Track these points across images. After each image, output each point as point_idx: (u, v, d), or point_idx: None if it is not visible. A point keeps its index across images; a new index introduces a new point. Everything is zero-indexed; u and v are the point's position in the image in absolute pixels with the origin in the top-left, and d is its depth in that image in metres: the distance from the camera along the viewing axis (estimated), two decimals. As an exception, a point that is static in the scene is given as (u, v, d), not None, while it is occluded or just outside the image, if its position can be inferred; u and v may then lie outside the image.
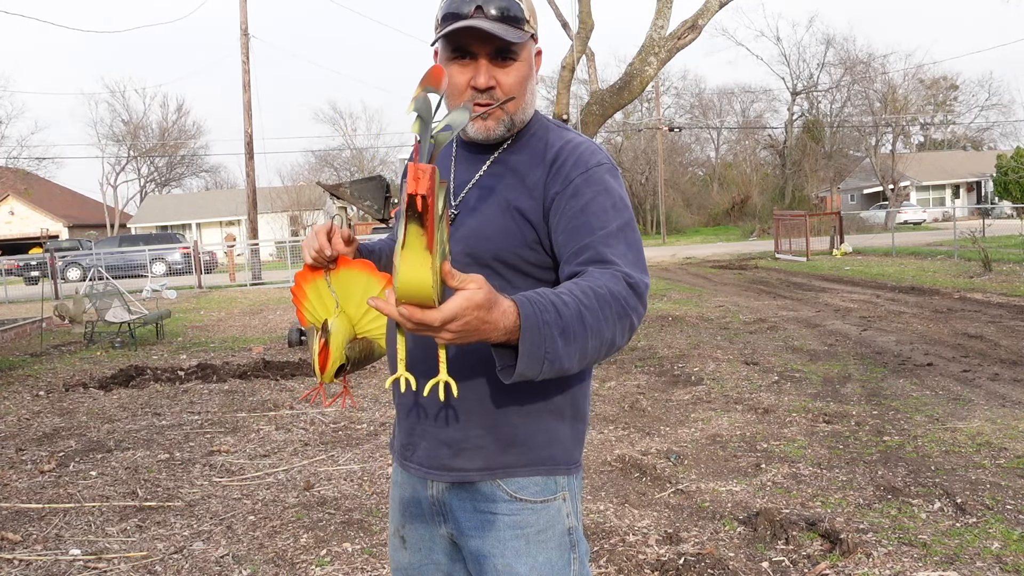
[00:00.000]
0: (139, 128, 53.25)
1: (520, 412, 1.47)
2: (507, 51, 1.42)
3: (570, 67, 9.87)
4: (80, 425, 6.35)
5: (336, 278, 1.65)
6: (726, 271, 19.60)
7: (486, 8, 1.40)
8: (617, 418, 5.87)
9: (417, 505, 1.58)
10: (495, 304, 1.15)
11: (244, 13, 23.43)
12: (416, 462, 1.54)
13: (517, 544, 1.47)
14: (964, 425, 5.25)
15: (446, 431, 1.48)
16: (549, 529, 1.50)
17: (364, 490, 4.53)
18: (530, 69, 1.47)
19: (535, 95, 1.51)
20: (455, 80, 1.44)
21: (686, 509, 4.04)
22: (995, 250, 17.01)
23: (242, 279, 23.50)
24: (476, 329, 1.14)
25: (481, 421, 1.47)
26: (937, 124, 54.25)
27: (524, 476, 1.48)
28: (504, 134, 1.48)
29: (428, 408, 1.50)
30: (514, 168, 1.49)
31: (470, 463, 1.47)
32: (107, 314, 11.02)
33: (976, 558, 3.34)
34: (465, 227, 1.47)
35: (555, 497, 1.50)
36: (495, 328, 1.15)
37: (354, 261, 1.65)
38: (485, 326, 1.14)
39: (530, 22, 1.45)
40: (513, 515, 1.48)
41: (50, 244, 30.74)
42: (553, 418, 1.50)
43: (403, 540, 1.62)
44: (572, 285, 1.27)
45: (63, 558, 3.71)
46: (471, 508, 1.50)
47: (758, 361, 7.75)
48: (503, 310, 1.16)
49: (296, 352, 9.75)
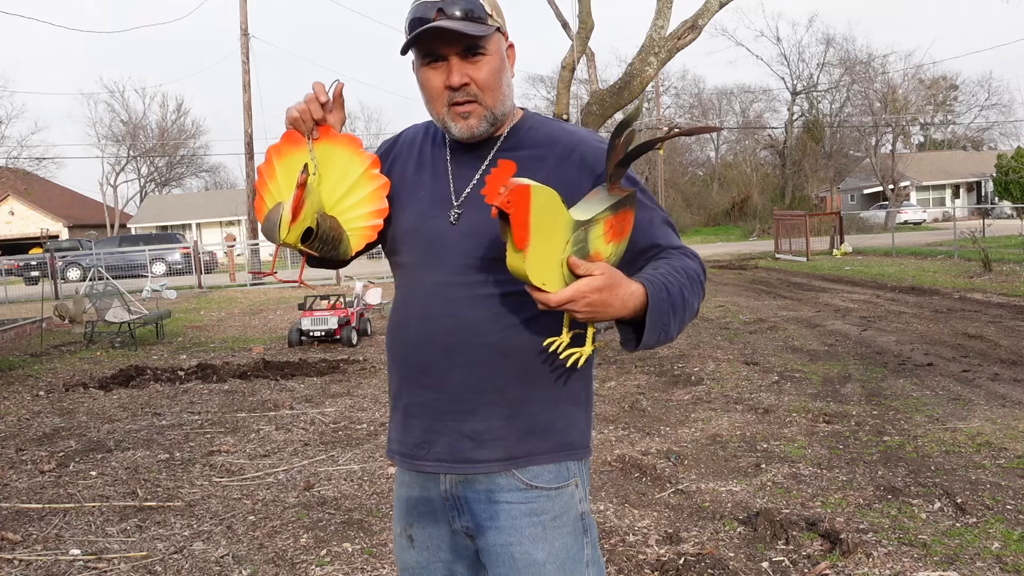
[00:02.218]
0: (139, 128, 53.27)
1: (540, 400, 1.52)
2: (475, 47, 1.45)
3: (570, 67, 9.87)
4: (80, 425, 6.35)
5: (317, 150, 1.53)
6: (726, 271, 19.60)
7: (447, 10, 1.43)
8: (617, 418, 5.87)
9: (427, 503, 1.58)
10: (617, 286, 1.32)
11: (244, 13, 23.43)
12: (433, 459, 1.54)
13: (534, 531, 1.51)
14: (964, 425, 5.25)
15: (468, 424, 1.51)
16: (564, 515, 1.54)
17: (364, 490, 4.52)
18: (502, 62, 1.50)
19: (512, 87, 1.54)
20: (432, 84, 1.48)
21: (686, 509, 4.04)
22: (995, 250, 17.01)
23: (242, 279, 23.51)
24: (603, 307, 1.31)
25: (502, 412, 1.50)
26: (937, 124, 54.24)
27: (541, 464, 1.52)
28: (488, 130, 1.51)
29: (449, 403, 1.51)
30: (522, 162, 1.51)
31: (492, 454, 1.51)
32: (107, 314, 11.02)
33: (976, 558, 3.34)
34: (479, 223, 1.49)
35: (568, 483, 1.55)
36: (624, 306, 1.33)
37: (339, 134, 1.56)
38: (610, 306, 1.32)
39: (493, 16, 1.48)
40: (529, 503, 1.51)
41: (50, 244, 30.73)
42: (570, 405, 1.56)
43: (411, 540, 1.62)
44: (667, 267, 1.43)
45: (63, 558, 3.71)
46: (486, 499, 1.52)
47: (758, 361, 7.76)
48: (631, 291, 1.34)
49: (296, 352, 9.76)
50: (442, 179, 1.55)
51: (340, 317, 10.16)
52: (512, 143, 1.55)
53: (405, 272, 1.59)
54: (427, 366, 1.52)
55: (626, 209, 1.39)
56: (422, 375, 1.53)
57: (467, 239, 1.49)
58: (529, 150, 1.54)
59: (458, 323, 1.49)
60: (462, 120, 1.48)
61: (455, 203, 1.53)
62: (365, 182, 1.56)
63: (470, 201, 1.52)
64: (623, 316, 1.35)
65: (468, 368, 1.49)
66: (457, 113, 1.48)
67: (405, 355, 1.56)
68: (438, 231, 1.52)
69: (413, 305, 1.55)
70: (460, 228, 1.51)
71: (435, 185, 1.55)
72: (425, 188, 1.56)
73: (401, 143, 1.66)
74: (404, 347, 1.56)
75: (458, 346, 1.48)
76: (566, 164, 1.51)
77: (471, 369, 1.49)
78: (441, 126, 1.53)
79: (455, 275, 1.50)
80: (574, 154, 1.52)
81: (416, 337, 1.53)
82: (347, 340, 10.06)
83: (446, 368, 1.50)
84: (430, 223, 1.53)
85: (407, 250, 1.57)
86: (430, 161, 1.58)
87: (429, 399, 1.53)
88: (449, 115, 1.48)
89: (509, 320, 1.48)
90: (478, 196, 1.50)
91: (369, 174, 1.56)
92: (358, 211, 1.56)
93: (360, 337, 10.44)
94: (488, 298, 1.48)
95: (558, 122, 1.62)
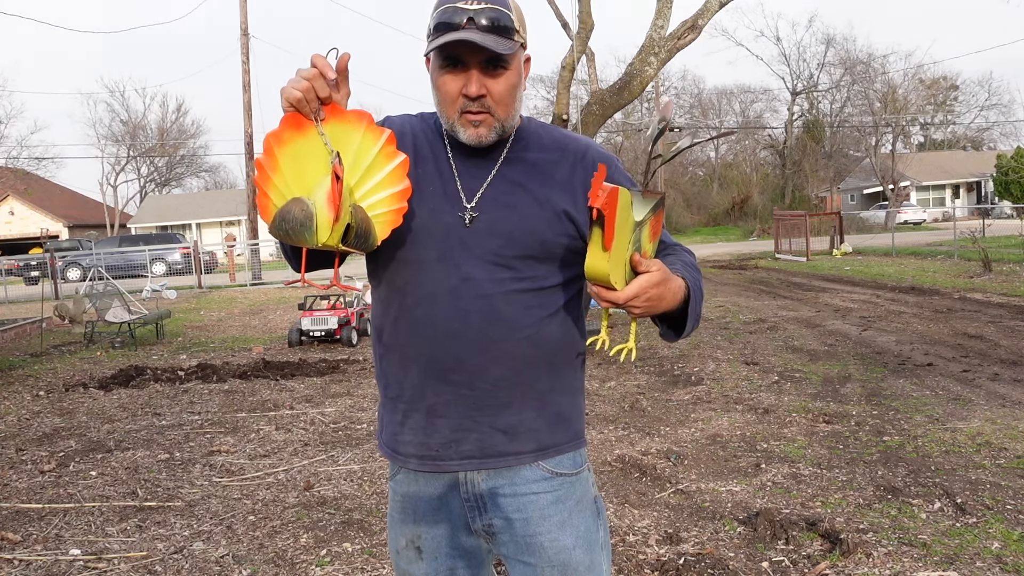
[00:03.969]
0: (138, 128, 53.25)
1: (560, 391, 1.58)
2: (498, 61, 1.46)
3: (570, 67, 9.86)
4: (80, 425, 6.35)
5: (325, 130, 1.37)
6: (726, 271, 19.60)
7: (477, 19, 1.42)
8: (617, 418, 5.87)
9: (441, 508, 1.57)
10: (670, 279, 1.41)
11: (244, 13, 23.43)
12: (460, 457, 1.53)
13: (561, 518, 1.56)
14: (964, 425, 5.25)
15: (503, 418, 1.53)
16: (583, 499, 1.61)
17: (364, 490, 4.52)
18: (519, 77, 1.51)
19: (522, 101, 1.56)
20: (448, 88, 1.48)
21: (686, 509, 4.04)
22: (995, 250, 17.00)
23: (242, 279, 23.51)
24: (659, 300, 1.40)
25: (535, 404, 1.55)
26: (937, 124, 54.21)
27: (564, 452, 1.58)
28: (495, 140, 1.52)
29: (483, 398, 1.51)
30: (535, 164, 1.56)
31: (525, 446, 1.54)
32: (107, 314, 11.02)
33: (976, 558, 3.34)
34: (504, 222, 1.50)
35: (583, 468, 1.62)
36: (674, 300, 1.43)
37: (348, 112, 1.41)
38: (664, 300, 1.40)
39: (519, 32, 1.48)
40: (555, 491, 1.56)
41: (50, 244, 30.69)
42: (579, 394, 1.64)
43: (419, 551, 1.60)
44: (680, 262, 1.53)
45: (63, 558, 3.71)
46: (512, 492, 1.55)
47: (758, 361, 7.76)
48: (678, 285, 1.44)
49: (296, 352, 9.76)
50: (448, 176, 1.54)
51: (340, 317, 10.16)
52: (522, 146, 1.57)
53: (417, 268, 1.52)
54: (459, 362, 1.50)
55: (661, 209, 1.45)
56: (451, 372, 1.50)
57: (491, 238, 1.50)
58: (540, 153, 1.56)
59: (495, 318, 1.49)
60: (472, 128, 1.48)
61: (466, 202, 1.52)
62: (383, 162, 1.42)
63: (486, 200, 1.52)
64: (672, 308, 1.43)
65: (507, 362, 1.50)
66: (468, 120, 1.48)
67: (429, 353, 1.51)
68: (453, 228, 1.51)
69: (438, 301, 1.50)
70: (479, 227, 1.50)
71: (442, 182, 1.54)
72: (432, 183, 1.53)
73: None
74: (428, 345, 1.51)
75: (498, 340, 1.49)
76: (580, 167, 1.56)
77: (510, 363, 1.51)
78: (448, 128, 1.52)
79: (484, 272, 1.49)
80: (586, 159, 1.57)
81: (446, 334, 1.50)
82: (347, 340, 10.07)
83: (484, 363, 1.49)
84: (443, 219, 1.51)
85: (419, 245, 1.52)
86: (430, 156, 1.56)
87: (460, 396, 1.51)
88: (460, 121, 1.48)
89: (538, 313, 1.52)
90: (496, 196, 1.52)
91: (386, 152, 1.42)
92: (379, 194, 1.41)
93: (360, 337, 10.44)
94: (519, 293, 1.50)
95: (557, 128, 1.66)
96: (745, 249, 28.41)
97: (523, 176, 1.54)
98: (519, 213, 1.51)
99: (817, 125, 45.78)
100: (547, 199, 1.52)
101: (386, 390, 1.61)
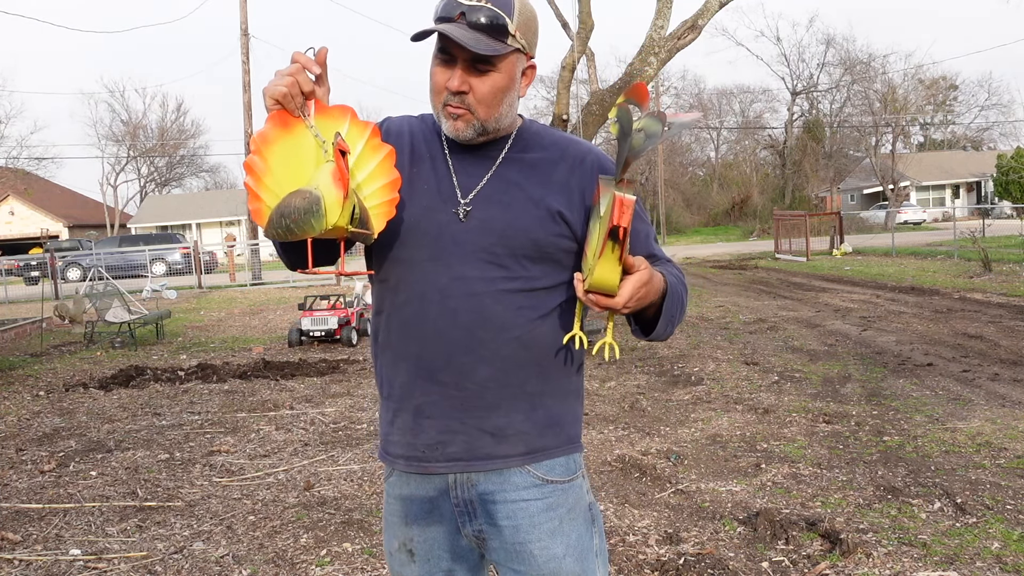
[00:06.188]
0: (138, 128, 53.25)
1: (552, 394, 1.55)
2: (485, 60, 1.44)
3: (570, 67, 9.86)
4: (80, 425, 6.35)
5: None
6: (726, 271, 19.60)
7: (469, 15, 1.42)
8: (617, 418, 5.87)
9: (432, 510, 1.56)
10: (653, 277, 1.42)
11: (244, 13, 23.43)
12: (446, 459, 1.52)
13: (551, 525, 1.53)
14: (964, 425, 5.25)
15: (491, 420, 1.50)
16: (576, 507, 1.57)
17: (364, 490, 4.52)
18: (510, 81, 1.49)
19: (514, 107, 1.53)
20: (436, 79, 1.49)
21: (686, 509, 4.04)
22: (995, 250, 17.00)
23: (242, 279, 23.50)
24: (647, 298, 1.42)
25: (523, 406, 1.52)
26: (937, 124, 54.22)
27: (554, 457, 1.55)
28: (475, 137, 1.51)
29: (471, 399, 1.50)
30: (533, 164, 1.55)
31: (513, 449, 1.52)
32: (107, 314, 11.02)
33: (976, 558, 3.34)
34: (497, 220, 1.50)
35: (576, 475, 1.59)
36: (657, 294, 1.45)
37: (331, 107, 1.43)
38: (649, 296, 1.42)
39: (515, 36, 1.45)
40: (546, 498, 1.53)
41: (50, 244, 30.69)
42: (574, 398, 1.61)
43: (411, 554, 1.59)
44: (664, 271, 1.52)
45: (63, 558, 3.71)
46: (502, 499, 1.52)
47: (758, 361, 7.76)
48: (658, 282, 1.45)
49: (296, 352, 9.76)
50: (444, 174, 1.54)
51: (340, 317, 10.16)
52: (521, 146, 1.56)
53: (409, 267, 1.52)
54: (447, 362, 1.49)
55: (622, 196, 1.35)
56: (440, 372, 1.49)
57: (484, 236, 1.49)
58: (539, 153, 1.56)
59: (484, 317, 1.48)
60: (451, 120, 1.49)
61: (461, 199, 1.52)
62: (370, 154, 1.43)
63: (482, 198, 1.51)
64: (655, 302, 1.45)
65: (496, 362, 1.48)
66: (448, 113, 1.49)
67: (418, 352, 1.51)
68: (446, 226, 1.50)
69: (428, 300, 1.49)
70: (472, 225, 1.50)
71: (438, 180, 1.53)
72: (427, 182, 1.53)
73: (386, 133, 1.58)
74: (417, 344, 1.50)
75: (486, 340, 1.48)
76: (580, 170, 1.55)
77: (499, 363, 1.49)
78: (436, 118, 1.54)
79: (475, 270, 1.48)
80: (586, 162, 1.56)
81: (435, 333, 1.49)
82: (347, 340, 10.07)
83: (472, 363, 1.48)
84: (437, 217, 1.51)
85: (411, 244, 1.52)
86: (427, 155, 1.56)
87: (447, 396, 1.50)
88: (443, 112, 1.49)
89: (529, 314, 1.50)
90: (490, 194, 1.51)
91: (372, 144, 1.43)
92: (371, 186, 1.42)
93: (360, 337, 10.44)
94: (510, 293, 1.49)
95: (560, 131, 1.66)
96: (745, 249, 28.41)
97: (520, 175, 1.54)
98: (513, 211, 1.50)
99: (817, 125, 45.79)
100: (542, 199, 1.51)
101: (380, 389, 1.62)
